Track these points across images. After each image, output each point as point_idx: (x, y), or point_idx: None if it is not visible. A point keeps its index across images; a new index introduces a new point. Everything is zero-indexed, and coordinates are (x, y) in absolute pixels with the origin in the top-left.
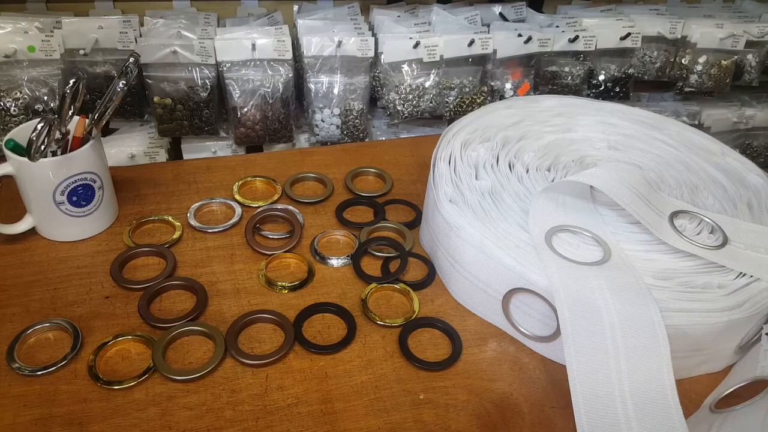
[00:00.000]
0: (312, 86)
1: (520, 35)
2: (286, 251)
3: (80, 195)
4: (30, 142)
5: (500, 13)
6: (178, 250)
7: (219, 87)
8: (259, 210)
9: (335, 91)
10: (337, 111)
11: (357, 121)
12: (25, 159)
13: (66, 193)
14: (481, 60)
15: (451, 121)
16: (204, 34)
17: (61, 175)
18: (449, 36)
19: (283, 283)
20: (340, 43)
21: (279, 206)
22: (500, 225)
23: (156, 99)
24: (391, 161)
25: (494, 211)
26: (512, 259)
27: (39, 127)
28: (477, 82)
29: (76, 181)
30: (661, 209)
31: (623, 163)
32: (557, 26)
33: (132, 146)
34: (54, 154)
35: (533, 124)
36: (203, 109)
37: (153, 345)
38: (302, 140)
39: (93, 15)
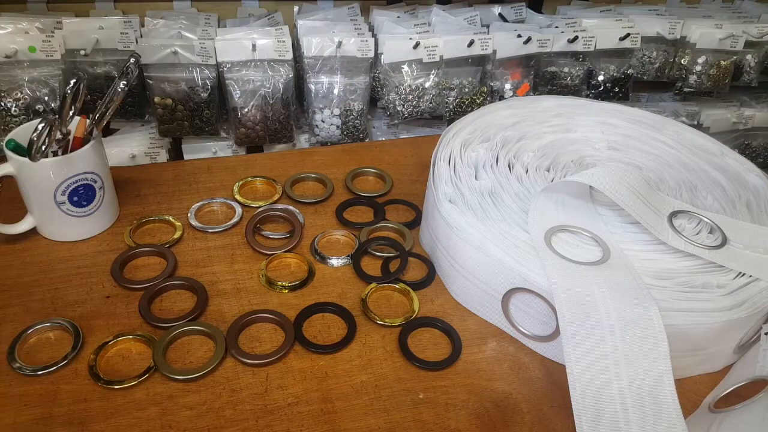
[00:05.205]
0: (312, 87)
1: (519, 36)
2: (286, 251)
3: (81, 195)
4: (31, 142)
5: (500, 14)
6: (178, 250)
7: (219, 87)
8: (259, 210)
9: (335, 91)
10: (337, 111)
11: (357, 121)
12: (26, 159)
13: (67, 193)
14: (480, 60)
15: (450, 121)
16: (204, 34)
17: (62, 175)
18: (449, 36)
19: (284, 283)
20: (340, 44)
21: (279, 206)
22: (500, 225)
23: (157, 99)
24: (391, 161)
25: (494, 211)
26: (512, 259)
27: (40, 127)
28: (477, 83)
29: (76, 181)
30: (660, 209)
31: (622, 164)
32: (556, 27)
33: (133, 146)
34: (55, 154)
35: (533, 124)
36: (204, 109)
37: (153, 345)
38: (302, 140)
39: (93, 15)
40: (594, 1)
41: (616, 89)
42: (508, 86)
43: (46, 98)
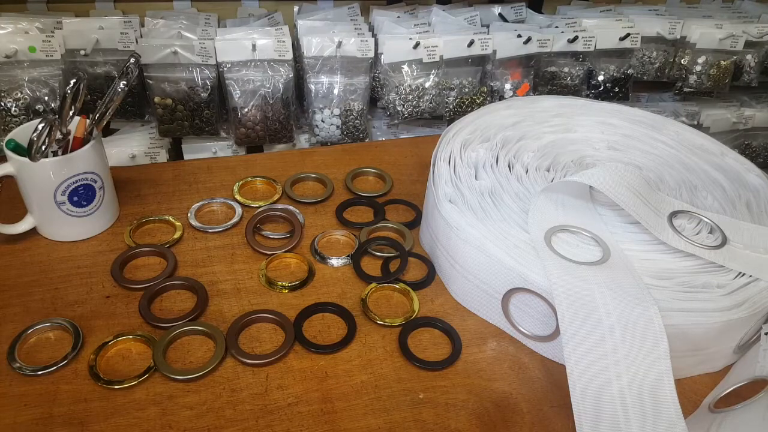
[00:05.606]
0: (312, 87)
1: (519, 36)
2: (286, 251)
3: (81, 195)
4: (31, 142)
5: (500, 14)
6: (178, 250)
7: (219, 87)
8: (259, 210)
9: (335, 91)
10: (337, 111)
11: (357, 121)
12: (26, 159)
13: (67, 193)
14: (480, 60)
15: (450, 121)
16: (204, 34)
17: (62, 175)
18: (449, 36)
19: (284, 283)
20: (340, 44)
21: (279, 206)
22: (500, 225)
23: (157, 99)
24: (391, 161)
25: (494, 211)
26: (512, 259)
27: (40, 127)
28: (477, 83)
29: (76, 181)
30: (660, 209)
31: (622, 164)
32: (556, 27)
33: (133, 146)
34: (55, 154)
35: (533, 124)
36: (204, 109)
37: (153, 345)
38: (302, 140)
39: (93, 15)
40: (594, 1)
41: (616, 89)
42: (508, 86)
43: (46, 98)
